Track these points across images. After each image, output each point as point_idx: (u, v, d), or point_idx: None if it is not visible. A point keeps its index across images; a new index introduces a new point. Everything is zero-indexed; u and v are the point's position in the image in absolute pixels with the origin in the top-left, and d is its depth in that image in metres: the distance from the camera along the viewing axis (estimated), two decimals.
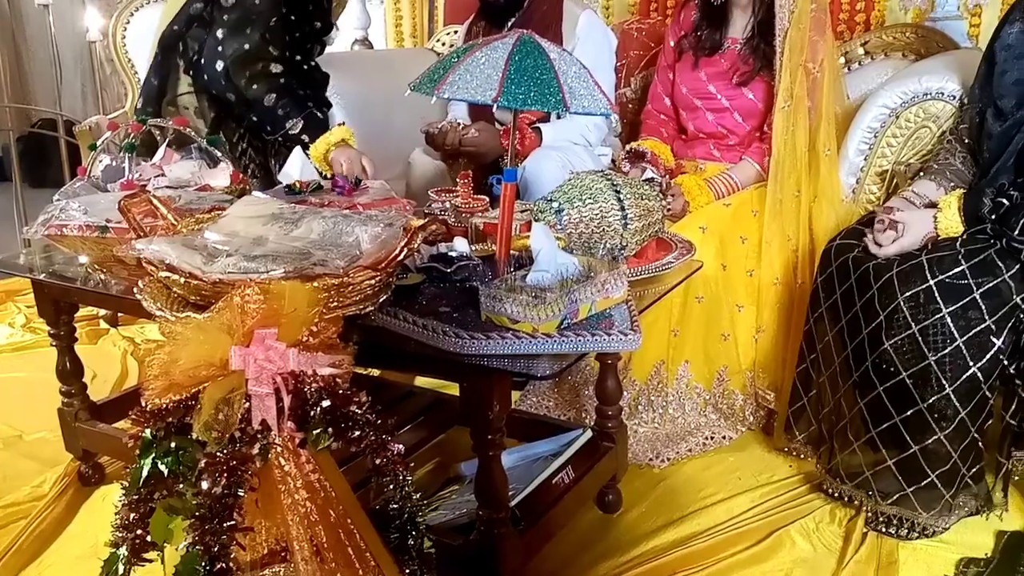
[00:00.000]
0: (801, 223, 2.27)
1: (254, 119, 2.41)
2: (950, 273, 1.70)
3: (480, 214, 1.79)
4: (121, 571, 1.25)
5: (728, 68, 2.47)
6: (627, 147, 2.56)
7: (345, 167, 2.26)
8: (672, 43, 2.61)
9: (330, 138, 2.33)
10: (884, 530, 1.83)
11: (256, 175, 2.50)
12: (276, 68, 2.39)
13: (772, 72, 2.36)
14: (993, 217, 1.73)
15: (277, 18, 2.37)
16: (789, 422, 2.11)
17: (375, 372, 2.36)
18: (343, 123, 2.44)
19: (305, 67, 2.52)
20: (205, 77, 2.43)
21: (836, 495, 1.94)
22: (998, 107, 1.89)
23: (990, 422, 1.75)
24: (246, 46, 2.33)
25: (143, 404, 1.21)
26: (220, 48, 2.36)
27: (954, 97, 2.14)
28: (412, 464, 1.88)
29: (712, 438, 2.21)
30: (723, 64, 2.48)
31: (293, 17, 2.43)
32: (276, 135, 2.39)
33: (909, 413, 1.73)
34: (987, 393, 1.70)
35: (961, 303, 1.68)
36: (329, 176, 2.20)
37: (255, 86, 2.36)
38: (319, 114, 2.44)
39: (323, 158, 2.31)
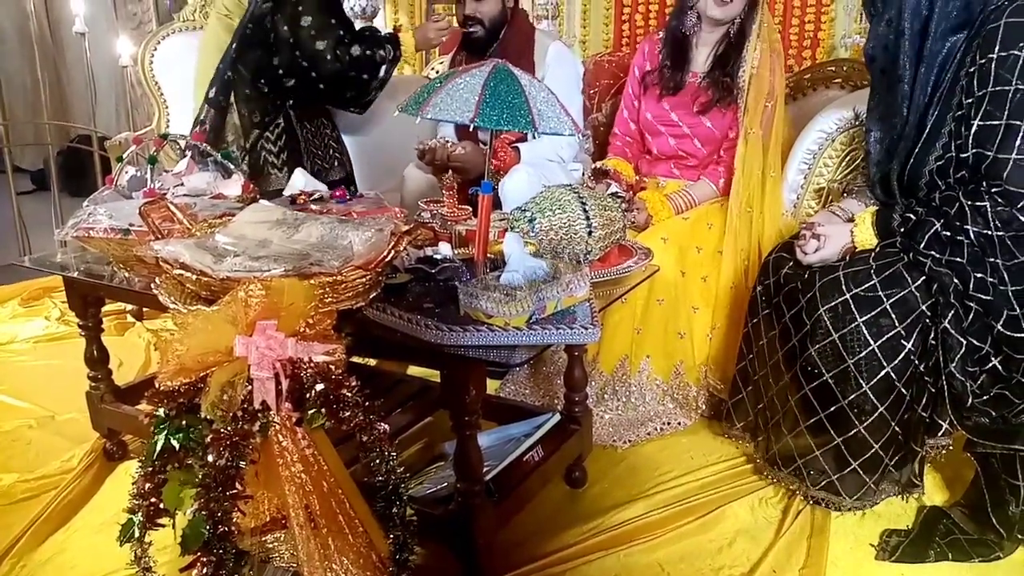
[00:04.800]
0: (753, 236, 2.29)
1: (351, 74, 2.53)
2: (863, 287, 1.70)
3: (463, 222, 1.80)
4: (137, 535, 1.25)
5: (690, 98, 2.46)
6: (593, 166, 2.57)
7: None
8: (638, 75, 2.59)
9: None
10: (818, 504, 1.84)
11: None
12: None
13: (729, 102, 2.37)
14: (902, 231, 1.73)
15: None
16: (729, 412, 2.13)
17: (371, 362, 2.36)
18: None
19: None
20: (307, 61, 2.50)
21: (774, 480, 1.94)
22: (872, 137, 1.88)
23: (908, 415, 1.74)
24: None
25: (157, 386, 1.22)
26: (313, 32, 2.46)
27: None
28: (400, 443, 1.92)
29: (669, 424, 2.23)
30: (685, 95, 2.47)
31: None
32: (380, 68, 2.58)
33: (832, 409, 1.74)
34: (902, 390, 1.70)
35: (873, 313, 1.68)
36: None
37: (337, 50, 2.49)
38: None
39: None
